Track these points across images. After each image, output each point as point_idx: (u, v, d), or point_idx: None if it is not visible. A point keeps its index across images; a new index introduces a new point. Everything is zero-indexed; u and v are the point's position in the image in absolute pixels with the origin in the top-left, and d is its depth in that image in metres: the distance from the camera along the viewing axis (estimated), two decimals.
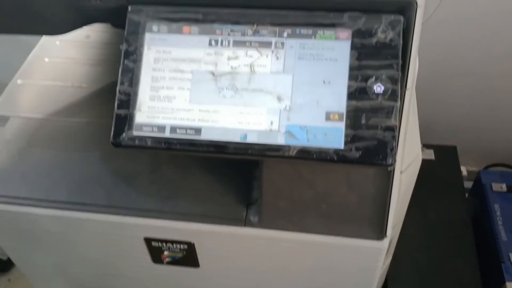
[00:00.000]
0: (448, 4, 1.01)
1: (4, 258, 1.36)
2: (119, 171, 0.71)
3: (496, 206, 1.13)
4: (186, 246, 0.70)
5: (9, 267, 1.39)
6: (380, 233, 0.62)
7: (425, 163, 0.70)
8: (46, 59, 0.82)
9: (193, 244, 0.69)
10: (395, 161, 0.52)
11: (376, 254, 0.64)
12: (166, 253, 0.72)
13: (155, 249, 0.71)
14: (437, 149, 1.20)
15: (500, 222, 1.11)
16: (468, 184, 1.24)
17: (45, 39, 0.85)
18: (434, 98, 1.23)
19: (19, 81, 0.78)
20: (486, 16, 1.07)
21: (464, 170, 1.20)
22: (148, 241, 0.70)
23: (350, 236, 0.63)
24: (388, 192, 0.60)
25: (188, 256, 0.71)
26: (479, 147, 1.33)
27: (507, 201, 1.14)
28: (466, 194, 1.17)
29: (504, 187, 1.16)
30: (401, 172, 0.61)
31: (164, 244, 0.70)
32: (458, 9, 1.05)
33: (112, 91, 0.59)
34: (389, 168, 0.53)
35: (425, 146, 1.19)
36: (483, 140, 1.33)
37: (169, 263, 0.73)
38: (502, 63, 1.15)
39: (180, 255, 0.71)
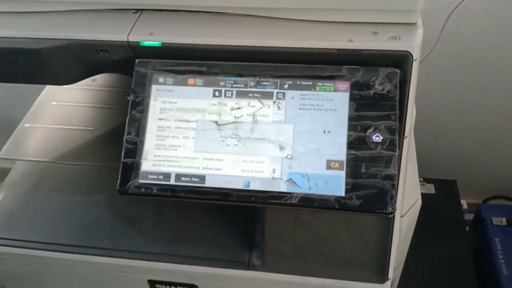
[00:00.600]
0: (443, 42, 1.04)
1: None
2: (124, 214, 0.72)
3: (497, 240, 1.14)
4: None
5: None
6: (381, 277, 0.62)
7: (425, 197, 0.71)
8: (53, 103, 0.84)
9: (197, 286, 0.70)
10: (395, 209, 0.54)
11: None
12: None
13: None
14: (437, 183, 1.21)
15: (501, 256, 1.11)
16: (468, 217, 1.25)
17: None
18: (434, 133, 1.26)
19: (26, 125, 0.80)
20: (481, 52, 1.10)
21: (464, 203, 1.21)
22: (152, 283, 0.71)
23: (353, 279, 0.63)
24: (389, 237, 0.61)
25: None
26: (479, 180, 1.35)
27: (507, 235, 1.14)
28: (467, 228, 1.18)
29: (504, 220, 1.17)
30: (401, 216, 0.62)
31: (168, 287, 0.71)
32: (453, 47, 1.09)
33: (118, 135, 0.61)
34: (389, 216, 0.55)
35: (425, 180, 1.21)
36: (483, 173, 1.35)
37: None
38: (498, 98, 1.18)
39: None
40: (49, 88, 0.87)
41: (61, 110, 0.82)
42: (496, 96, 1.18)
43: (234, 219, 0.70)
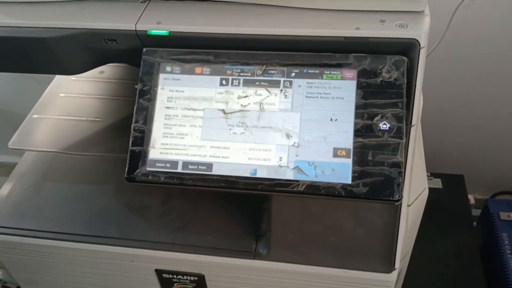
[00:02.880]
0: (450, 37, 1.03)
1: (14, 287, 1.37)
2: (131, 204, 0.73)
3: (504, 235, 1.13)
4: (196, 278, 0.71)
5: None
6: (388, 266, 0.62)
7: (432, 192, 0.71)
8: (61, 95, 0.84)
9: (203, 276, 0.70)
10: (401, 196, 0.54)
11: (385, 286, 0.65)
12: (176, 284, 0.72)
13: (166, 281, 0.72)
14: (445, 178, 1.21)
15: (508, 251, 1.11)
16: (475, 212, 1.24)
17: (60, 76, 0.88)
18: (441, 127, 1.25)
19: (35, 116, 0.81)
20: (489, 45, 1.09)
21: (471, 198, 1.21)
22: (159, 272, 0.71)
23: (359, 269, 0.63)
24: (396, 225, 0.61)
25: None
26: (486, 176, 1.34)
27: None
28: (474, 223, 1.18)
29: (511, 215, 1.16)
30: (408, 206, 0.62)
31: (175, 276, 0.71)
32: (460, 40, 1.08)
33: (126, 126, 0.61)
34: (396, 204, 0.55)
35: (433, 175, 1.21)
36: (490, 168, 1.34)
37: None
38: (506, 92, 1.17)
39: (190, 286, 0.72)
40: (56, 80, 0.87)
41: (69, 102, 0.83)
42: (504, 90, 1.17)
43: (241, 209, 0.70)
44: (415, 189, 0.65)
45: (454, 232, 1.12)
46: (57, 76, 0.88)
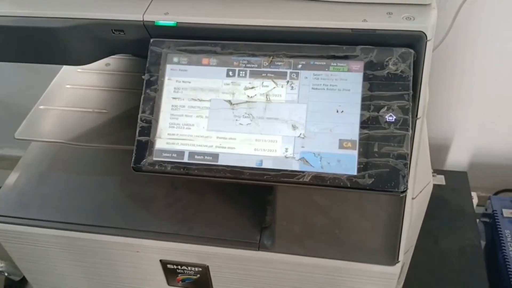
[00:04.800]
0: (455, 32, 1.03)
1: (17, 279, 1.37)
2: (136, 195, 0.73)
3: (507, 232, 1.13)
4: (200, 269, 0.71)
5: None
6: (392, 259, 0.63)
7: (436, 188, 0.71)
8: (68, 86, 0.85)
9: (208, 267, 0.71)
10: (407, 188, 0.54)
11: (388, 279, 0.65)
12: (180, 275, 0.73)
13: (170, 271, 0.73)
14: (448, 174, 1.21)
15: (511, 248, 1.10)
16: (479, 210, 1.24)
17: (66, 67, 0.88)
18: (445, 124, 1.25)
19: (41, 107, 0.81)
20: (493, 43, 1.09)
21: (474, 196, 1.21)
22: (163, 263, 0.72)
23: (363, 261, 0.64)
24: (400, 218, 0.61)
25: (202, 279, 0.72)
26: (489, 173, 1.34)
27: None
28: (477, 220, 1.18)
29: None
30: (412, 198, 0.63)
31: (179, 267, 0.72)
32: (465, 37, 1.08)
33: (132, 118, 0.61)
34: (401, 195, 0.55)
35: (436, 171, 1.20)
36: (494, 165, 1.34)
37: (183, 285, 0.74)
38: (511, 89, 1.17)
39: (194, 277, 0.73)
40: (62, 72, 0.88)
41: (75, 93, 0.83)
42: (509, 87, 1.17)
43: (245, 201, 0.71)
44: (420, 182, 0.65)
45: (457, 229, 1.12)
46: (63, 68, 0.88)
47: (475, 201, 1.20)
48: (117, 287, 0.80)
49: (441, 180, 1.19)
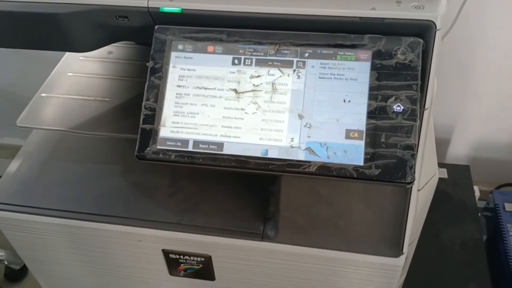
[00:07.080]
0: (460, 24, 1.02)
1: (17, 268, 1.37)
2: (139, 184, 0.73)
3: (509, 226, 1.13)
4: (203, 259, 0.71)
5: (21, 277, 1.40)
6: (397, 250, 0.62)
7: (438, 182, 0.71)
8: (70, 74, 0.84)
9: (210, 257, 0.70)
10: (414, 179, 0.53)
11: (392, 271, 0.65)
12: (183, 265, 0.73)
13: (172, 261, 0.72)
14: (450, 168, 1.20)
15: None
16: (480, 204, 1.24)
17: (68, 55, 0.87)
18: (448, 118, 1.24)
19: (43, 95, 0.80)
20: (498, 36, 1.08)
21: (476, 189, 1.20)
22: (166, 253, 0.71)
23: (367, 253, 0.63)
24: (405, 210, 0.61)
25: (204, 269, 0.72)
26: (492, 167, 1.34)
27: None
28: (479, 214, 1.17)
29: None
30: (418, 190, 0.62)
31: (182, 257, 0.71)
32: (470, 28, 1.07)
33: (135, 106, 0.60)
34: (408, 186, 0.54)
35: (439, 165, 1.19)
36: (496, 159, 1.33)
37: (185, 275, 0.74)
38: None
39: (196, 267, 0.72)
40: (64, 60, 0.87)
41: (77, 81, 0.82)
42: None
43: (249, 191, 0.70)
44: (426, 174, 0.65)
45: (459, 223, 1.12)
46: (65, 55, 0.87)
47: (477, 195, 1.20)
48: (119, 276, 0.79)
49: (443, 173, 1.19)
